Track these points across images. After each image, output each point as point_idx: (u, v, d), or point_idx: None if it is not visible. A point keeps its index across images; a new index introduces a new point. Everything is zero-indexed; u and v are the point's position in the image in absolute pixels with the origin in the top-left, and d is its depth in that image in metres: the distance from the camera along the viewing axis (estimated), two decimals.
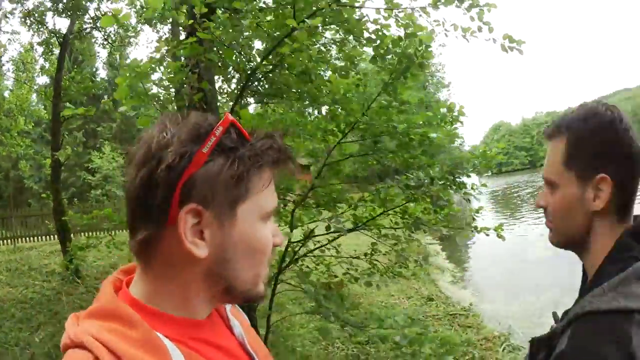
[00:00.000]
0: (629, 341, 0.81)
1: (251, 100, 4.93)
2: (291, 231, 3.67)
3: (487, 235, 3.88)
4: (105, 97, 19.65)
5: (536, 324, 7.72)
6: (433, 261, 12.80)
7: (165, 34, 10.85)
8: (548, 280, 10.21)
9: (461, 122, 3.91)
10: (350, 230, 3.66)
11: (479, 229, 3.91)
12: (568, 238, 1.04)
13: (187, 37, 3.25)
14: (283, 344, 5.95)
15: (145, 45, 40.05)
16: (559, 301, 8.65)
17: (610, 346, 0.82)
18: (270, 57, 3.41)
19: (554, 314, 1.66)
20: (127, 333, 0.66)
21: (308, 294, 3.57)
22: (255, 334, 0.95)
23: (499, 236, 3.82)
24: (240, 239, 0.71)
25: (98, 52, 17.17)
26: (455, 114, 3.88)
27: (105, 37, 12.04)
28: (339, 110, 3.75)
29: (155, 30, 11.54)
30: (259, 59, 3.61)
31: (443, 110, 3.96)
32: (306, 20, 2.91)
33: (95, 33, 11.78)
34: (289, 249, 3.84)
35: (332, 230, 3.63)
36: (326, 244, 4.03)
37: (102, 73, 25.39)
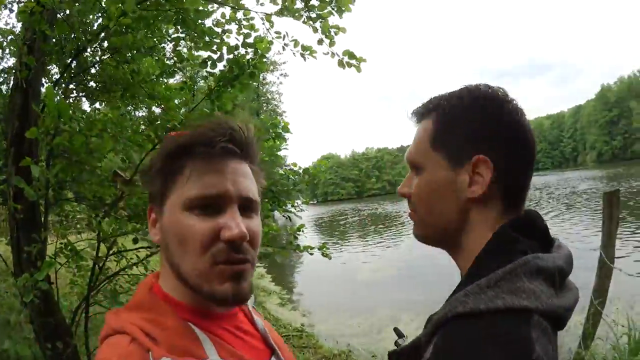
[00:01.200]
0: (529, 347, 0.61)
1: (80, 96, 4.33)
2: (99, 244, 3.19)
3: (311, 254, 3.72)
4: None
5: (376, 339, 8.11)
6: (258, 284, 12.81)
7: None
8: (379, 298, 10.93)
9: (284, 140, 3.89)
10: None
11: (301, 247, 3.71)
12: (436, 231, 0.85)
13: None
14: None
15: None
16: (396, 317, 9.30)
17: (500, 354, 0.61)
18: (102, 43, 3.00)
19: (396, 329, 1.59)
20: (162, 321, 0.76)
21: None
22: (277, 333, 1.01)
23: (324, 254, 3.75)
24: (169, 228, 0.80)
25: None
26: (279, 131, 3.84)
27: None
28: (158, 114, 3.44)
29: None
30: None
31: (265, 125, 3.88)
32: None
33: None
34: (97, 264, 3.32)
35: (139, 245, 3.25)
36: (136, 263, 3.58)
37: None
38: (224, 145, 0.79)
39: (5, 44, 2.95)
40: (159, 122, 3.44)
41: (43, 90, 3.10)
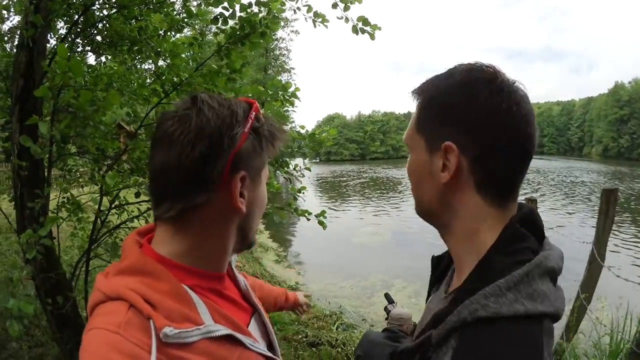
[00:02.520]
0: (540, 354, 0.65)
1: (87, 50, 4.26)
2: (101, 198, 3.21)
3: (308, 219, 3.66)
4: None
5: (368, 303, 8.29)
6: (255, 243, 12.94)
7: None
8: (374, 263, 11.10)
9: (292, 104, 3.81)
10: None
11: (299, 211, 3.65)
12: (423, 210, 0.87)
13: None
14: None
15: None
16: (389, 282, 9.47)
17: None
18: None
19: (387, 295, 1.62)
20: (157, 285, 0.76)
21: None
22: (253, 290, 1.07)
23: (320, 223, 3.68)
24: (259, 197, 0.90)
25: None
26: (289, 94, 3.77)
27: None
28: (166, 69, 3.38)
29: None
30: None
31: (276, 88, 3.80)
32: None
33: None
34: (99, 218, 3.36)
35: (140, 198, 3.26)
36: (137, 215, 3.61)
37: None
38: (283, 137, 0.94)
39: (11, 2, 2.85)
40: (165, 77, 3.41)
41: (49, 46, 3.05)
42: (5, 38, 3.27)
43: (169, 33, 3.71)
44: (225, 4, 3.22)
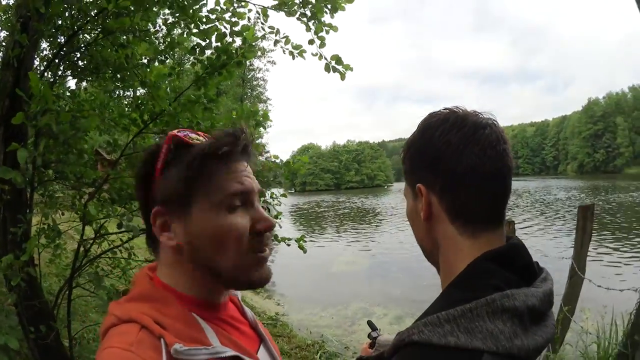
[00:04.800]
0: None
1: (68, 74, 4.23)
2: (83, 226, 3.15)
3: (288, 245, 3.73)
4: None
5: (350, 331, 8.18)
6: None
7: None
8: (353, 291, 11.03)
9: (264, 127, 3.88)
10: (143, 231, 3.28)
11: (279, 238, 3.73)
12: (423, 251, 0.94)
13: None
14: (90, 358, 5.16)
15: None
16: (368, 310, 9.40)
17: None
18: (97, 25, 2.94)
19: (369, 323, 1.64)
20: (166, 310, 0.79)
21: (103, 302, 3.12)
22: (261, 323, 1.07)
23: (300, 247, 3.70)
24: (202, 229, 0.83)
25: None
26: (260, 119, 3.83)
27: None
28: (145, 98, 3.40)
29: None
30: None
31: (246, 115, 3.85)
32: None
33: None
34: (81, 247, 3.29)
35: (123, 229, 3.22)
36: (119, 245, 3.56)
37: None
38: (241, 149, 0.87)
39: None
40: (143, 106, 3.42)
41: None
42: None
43: (154, 63, 3.74)
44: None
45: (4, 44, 3.24)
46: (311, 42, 3.54)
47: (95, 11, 2.93)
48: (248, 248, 0.85)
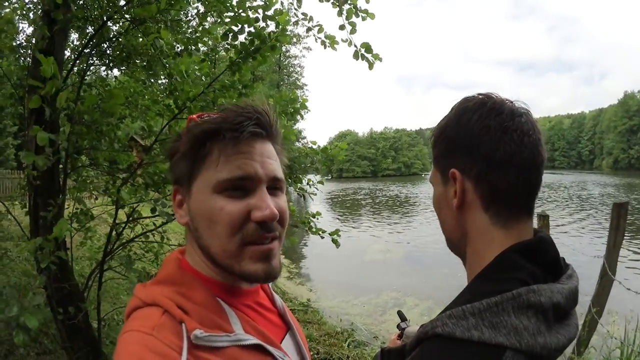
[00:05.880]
0: None
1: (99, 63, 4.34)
2: (116, 210, 3.24)
3: (322, 237, 3.76)
4: None
5: (380, 320, 8.19)
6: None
7: None
8: (386, 281, 11.00)
9: (301, 116, 3.86)
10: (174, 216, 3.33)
11: (314, 229, 3.75)
12: (448, 241, 0.91)
13: None
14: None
15: None
16: (400, 300, 9.37)
17: None
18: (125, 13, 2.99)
19: (399, 313, 1.62)
20: (191, 295, 0.80)
21: (133, 285, 3.21)
22: (291, 312, 1.06)
23: (334, 241, 3.70)
24: (197, 209, 0.83)
25: None
26: (297, 107, 3.81)
27: None
28: (180, 84, 3.43)
29: None
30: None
31: (285, 102, 3.84)
32: None
33: None
34: (114, 231, 3.39)
35: (157, 213, 3.29)
36: (152, 230, 3.64)
37: None
38: (252, 130, 0.82)
39: (20, 13, 2.91)
40: (178, 93, 3.46)
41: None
42: (21, 50, 3.34)
43: (184, 53, 3.77)
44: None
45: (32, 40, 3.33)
46: (342, 27, 3.47)
47: (124, 2, 2.96)
48: (241, 236, 0.80)
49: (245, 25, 3.24)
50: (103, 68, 4.03)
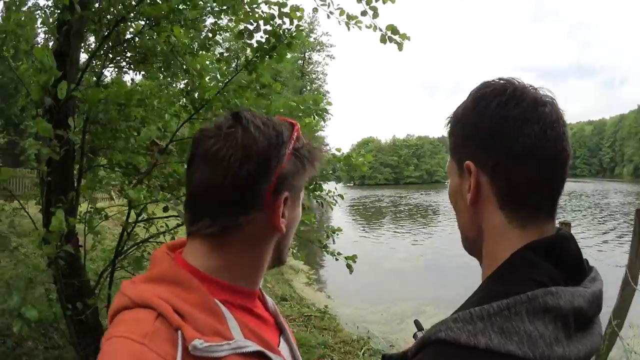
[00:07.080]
0: None
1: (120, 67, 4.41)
2: (129, 211, 3.27)
3: (337, 259, 3.74)
4: None
5: (397, 329, 8.07)
6: (287, 262, 12.91)
7: None
8: (405, 289, 10.86)
9: (323, 119, 3.80)
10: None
11: (329, 250, 3.72)
12: (464, 240, 0.84)
13: None
14: None
15: None
16: (419, 309, 9.23)
17: None
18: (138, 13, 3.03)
19: (416, 322, 1.57)
20: (188, 296, 0.74)
21: None
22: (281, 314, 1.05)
23: (348, 266, 3.67)
24: (296, 217, 0.90)
25: None
26: (320, 109, 3.76)
27: None
28: (197, 84, 3.44)
29: None
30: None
31: (307, 103, 3.79)
32: None
33: None
34: (126, 231, 3.41)
35: (169, 213, 3.29)
36: (165, 232, 3.65)
37: None
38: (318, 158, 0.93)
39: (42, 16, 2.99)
40: (195, 93, 3.47)
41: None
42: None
43: (201, 52, 3.79)
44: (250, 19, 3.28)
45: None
46: (364, 13, 3.42)
47: (135, 2, 3.00)
48: None
49: (262, 23, 3.23)
50: (121, 69, 4.08)
